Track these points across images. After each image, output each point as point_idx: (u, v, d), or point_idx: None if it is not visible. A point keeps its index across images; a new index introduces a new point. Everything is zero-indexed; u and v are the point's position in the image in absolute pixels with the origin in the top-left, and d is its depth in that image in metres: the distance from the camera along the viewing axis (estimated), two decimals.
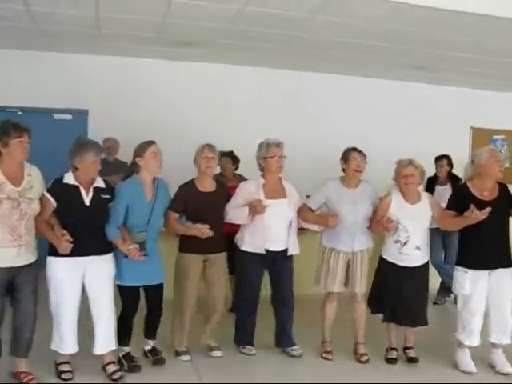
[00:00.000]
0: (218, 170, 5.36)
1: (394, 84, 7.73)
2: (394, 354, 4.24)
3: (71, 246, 3.41)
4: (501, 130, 8.55)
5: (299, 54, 6.47)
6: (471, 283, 3.97)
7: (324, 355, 4.28)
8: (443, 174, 5.95)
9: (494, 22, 4.83)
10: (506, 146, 8.70)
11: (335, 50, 6.17)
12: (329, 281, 4.17)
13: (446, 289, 5.90)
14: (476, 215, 3.73)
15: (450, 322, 4.24)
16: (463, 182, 4.23)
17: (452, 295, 5.98)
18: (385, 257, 4.16)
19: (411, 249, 4.02)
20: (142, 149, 3.78)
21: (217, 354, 4.15)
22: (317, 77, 7.38)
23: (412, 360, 4.18)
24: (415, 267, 4.08)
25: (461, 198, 4.02)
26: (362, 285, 4.22)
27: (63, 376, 3.60)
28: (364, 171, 4.20)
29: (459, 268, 4.07)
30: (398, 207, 4.05)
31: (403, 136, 7.37)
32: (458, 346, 4.14)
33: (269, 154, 4.11)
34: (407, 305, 4.05)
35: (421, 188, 4.28)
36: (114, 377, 3.64)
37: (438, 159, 6.00)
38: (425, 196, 4.19)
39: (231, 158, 5.61)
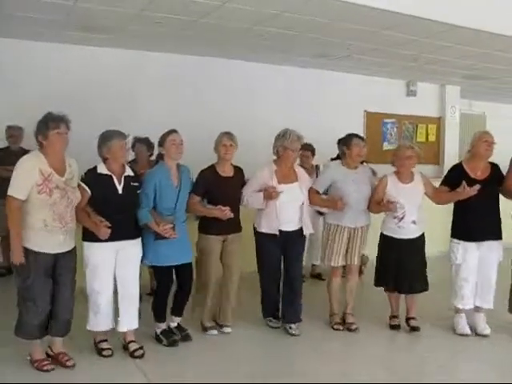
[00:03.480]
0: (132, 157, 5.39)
1: (296, 70, 8.07)
2: (396, 321, 4.64)
3: (109, 231, 3.63)
4: (391, 114, 9.27)
5: (209, 41, 6.55)
6: (462, 253, 4.43)
7: (335, 326, 4.60)
8: None
9: (388, 16, 5.28)
10: (395, 129, 9.44)
11: (243, 38, 6.34)
12: (334, 256, 4.53)
13: None
14: (467, 191, 4.17)
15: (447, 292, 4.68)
16: (459, 161, 4.63)
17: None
18: (384, 232, 4.56)
19: (407, 222, 4.42)
20: (162, 138, 4.07)
21: (227, 330, 4.44)
22: (226, 63, 7.53)
23: (415, 329, 4.55)
24: (412, 239, 4.48)
25: (455, 176, 4.43)
26: (358, 257, 4.60)
27: (104, 353, 3.85)
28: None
29: (452, 240, 4.52)
30: (393, 187, 4.44)
31: (303, 119, 7.68)
32: (456, 312, 4.56)
33: (291, 146, 4.34)
34: (408, 274, 4.46)
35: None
36: (137, 354, 3.87)
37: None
38: (418, 176, 4.56)
39: (146, 144, 5.61)
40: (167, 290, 4.10)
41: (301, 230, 4.44)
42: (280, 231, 4.34)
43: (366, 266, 6.07)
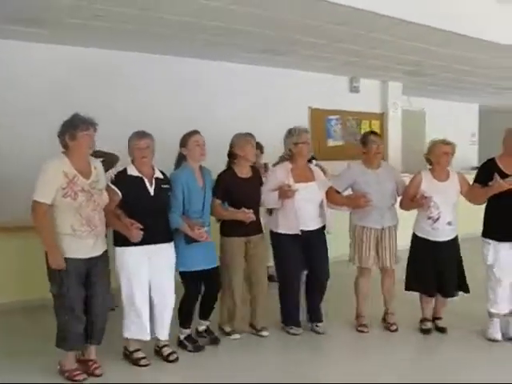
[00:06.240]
0: None
1: (239, 67, 7.88)
2: (428, 325, 4.43)
3: (142, 233, 3.55)
4: (335, 110, 9.27)
5: (150, 35, 6.25)
6: (494, 254, 4.17)
7: (359, 328, 4.50)
8: None
9: (332, 9, 5.16)
10: (339, 125, 9.45)
11: (185, 31, 6.07)
12: (363, 257, 4.37)
13: None
14: (499, 184, 3.95)
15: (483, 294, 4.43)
16: (492, 157, 4.31)
17: None
18: (417, 233, 4.33)
19: (443, 224, 4.22)
20: (184, 139, 4.00)
21: (265, 333, 4.37)
22: (165, 59, 7.24)
23: (442, 330, 4.41)
24: (447, 241, 4.27)
25: (487, 171, 4.15)
26: (392, 259, 4.45)
27: (141, 362, 3.78)
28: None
29: (483, 239, 4.27)
30: (428, 185, 4.23)
31: (246, 116, 7.58)
32: (489, 316, 4.29)
33: (300, 139, 4.29)
34: (442, 277, 4.26)
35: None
36: (171, 358, 3.85)
37: None
38: (454, 174, 4.35)
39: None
40: (195, 295, 4.05)
41: (322, 228, 4.36)
42: (301, 231, 4.24)
43: None
